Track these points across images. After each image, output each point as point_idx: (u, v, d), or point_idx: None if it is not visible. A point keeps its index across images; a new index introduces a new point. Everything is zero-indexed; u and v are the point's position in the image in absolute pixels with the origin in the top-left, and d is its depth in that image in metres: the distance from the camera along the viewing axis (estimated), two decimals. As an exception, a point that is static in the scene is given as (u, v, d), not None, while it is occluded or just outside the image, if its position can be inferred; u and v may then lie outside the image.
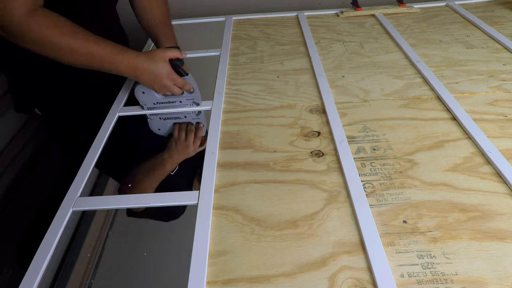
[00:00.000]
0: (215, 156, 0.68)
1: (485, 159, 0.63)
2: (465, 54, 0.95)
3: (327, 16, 1.26)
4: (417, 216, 0.55)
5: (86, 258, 0.86)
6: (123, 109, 0.85)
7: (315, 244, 0.52)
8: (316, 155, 0.67)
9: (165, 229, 0.86)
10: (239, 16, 1.29)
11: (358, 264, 0.49)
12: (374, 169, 0.63)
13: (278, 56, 1.02)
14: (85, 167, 0.69)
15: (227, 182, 0.63)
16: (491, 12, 1.19)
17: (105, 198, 0.63)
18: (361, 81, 0.88)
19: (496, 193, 0.57)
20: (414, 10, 1.24)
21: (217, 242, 0.54)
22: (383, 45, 1.04)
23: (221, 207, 0.59)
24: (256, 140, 0.72)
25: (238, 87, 0.89)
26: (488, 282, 0.46)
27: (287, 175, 0.64)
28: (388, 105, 0.79)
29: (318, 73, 0.91)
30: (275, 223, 0.56)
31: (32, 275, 0.51)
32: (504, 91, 0.80)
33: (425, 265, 0.48)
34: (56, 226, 0.58)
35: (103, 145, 0.74)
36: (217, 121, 0.77)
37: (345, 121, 0.75)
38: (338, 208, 0.57)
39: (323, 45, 1.06)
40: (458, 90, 0.81)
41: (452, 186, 0.59)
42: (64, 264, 0.79)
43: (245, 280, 0.48)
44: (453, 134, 0.69)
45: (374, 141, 0.69)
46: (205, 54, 1.08)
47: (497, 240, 0.50)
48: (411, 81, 0.86)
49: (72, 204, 0.61)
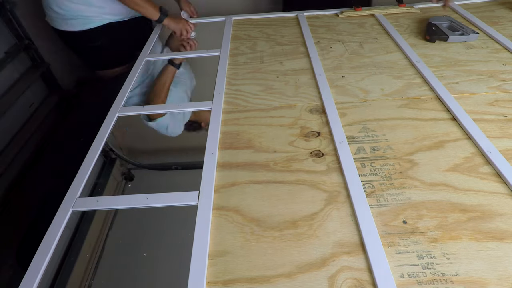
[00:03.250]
0: (215, 156, 0.68)
1: (485, 159, 0.63)
2: (465, 54, 0.95)
3: (327, 16, 1.26)
4: (417, 216, 0.55)
5: (86, 258, 0.86)
6: (123, 109, 0.85)
7: (315, 245, 0.52)
8: (316, 155, 0.67)
9: (165, 229, 0.86)
10: (239, 16, 1.29)
11: (358, 264, 0.49)
12: (374, 169, 0.63)
13: (278, 56, 1.02)
14: (85, 167, 0.69)
15: (227, 182, 0.63)
16: (491, 12, 1.19)
17: (105, 198, 0.63)
18: (361, 81, 0.88)
19: (496, 193, 0.57)
20: (414, 10, 1.24)
21: (217, 242, 0.54)
22: (383, 45, 1.04)
23: (221, 208, 0.59)
24: (256, 140, 0.72)
25: (238, 87, 0.89)
26: (488, 282, 0.46)
27: (287, 176, 0.64)
28: (388, 105, 0.79)
29: (318, 73, 0.91)
30: (275, 223, 0.56)
31: (32, 275, 0.51)
32: (504, 91, 0.80)
33: (425, 265, 0.48)
34: (56, 226, 0.58)
35: (103, 145, 0.74)
36: (217, 121, 0.77)
37: (345, 121, 0.75)
38: (338, 209, 0.57)
39: (323, 45, 1.06)
40: (458, 90, 0.81)
41: (452, 186, 0.59)
42: (64, 264, 0.79)
43: (245, 281, 0.48)
44: (453, 134, 0.69)
45: (374, 141, 0.69)
46: (205, 54, 1.08)
47: (497, 240, 0.50)
48: (411, 81, 0.86)
49: (72, 204, 0.61)
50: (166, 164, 1.22)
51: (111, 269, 0.88)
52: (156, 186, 1.13)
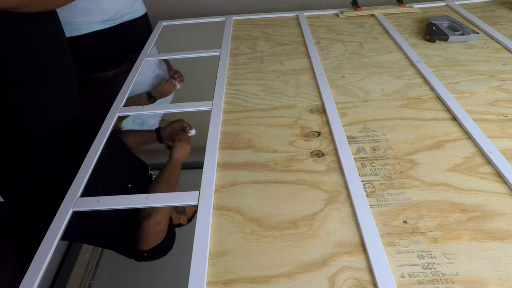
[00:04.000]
0: (215, 156, 0.68)
1: (485, 159, 0.63)
2: (465, 54, 0.95)
3: (327, 16, 1.26)
4: (418, 216, 0.55)
5: (86, 258, 0.86)
6: (123, 109, 0.85)
7: (316, 245, 0.52)
8: (316, 155, 0.67)
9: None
10: (239, 16, 1.29)
11: (358, 264, 0.49)
12: (374, 169, 0.63)
13: (278, 56, 1.02)
14: (85, 167, 0.69)
15: (227, 182, 0.63)
16: (491, 12, 1.19)
17: (105, 198, 0.63)
18: (361, 81, 0.88)
19: (497, 193, 0.57)
20: (414, 10, 1.24)
21: (217, 242, 0.54)
22: (383, 45, 1.04)
23: (221, 208, 0.59)
24: (256, 140, 0.72)
25: (238, 87, 0.89)
26: (488, 282, 0.46)
27: (287, 176, 0.64)
28: (388, 105, 0.79)
29: (318, 73, 0.91)
30: (275, 223, 0.56)
31: (32, 275, 0.51)
32: (504, 91, 0.80)
33: (425, 265, 0.48)
34: (56, 226, 0.58)
35: (103, 145, 0.74)
36: (217, 121, 0.77)
37: (345, 121, 0.75)
38: (339, 209, 0.57)
39: (323, 45, 1.06)
40: (458, 90, 0.81)
41: (452, 186, 0.59)
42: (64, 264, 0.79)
43: (246, 281, 0.48)
44: (453, 134, 0.69)
45: (374, 141, 0.69)
46: (205, 54, 1.08)
47: (497, 240, 0.50)
48: (411, 81, 0.86)
49: (72, 204, 0.61)
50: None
51: (111, 269, 0.88)
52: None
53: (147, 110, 0.93)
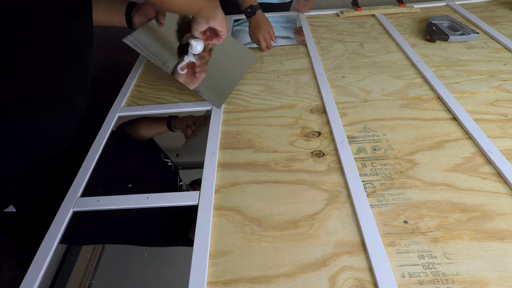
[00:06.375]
0: (216, 156, 0.68)
1: (485, 159, 0.63)
2: (465, 54, 0.95)
3: (327, 16, 1.26)
4: (418, 216, 0.55)
5: (86, 258, 0.86)
6: (123, 109, 0.85)
7: (316, 245, 0.52)
8: (316, 155, 0.67)
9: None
10: (239, 16, 1.29)
11: (359, 264, 0.49)
12: (375, 169, 0.63)
13: (278, 56, 1.02)
14: (85, 167, 0.69)
15: (227, 182, 0.63)
16: (491, 12, 1.19)
17: (105, 198, 0.63)
18: (362, 81, 0.88)
19: (497, 193, 0.57)
20: (414, 10, 1.24)
21: (218, 242, 0.54)
22: (383, 45, 1.04)
23: (221, 208, 0.59)
24: (256, 140, 0.72)
25: (238, 87, 0.89)
26: (489, 282, 0.46)
27: (288, 175, 0.64)
28: (389, 105, 0.79)
29: (318, 73, 0.91)
30: (275, 223, 0.56)
31: (33, 275, 0.51)
32: (504, 91, 0.80)
33: (426, 265, 0.48)
34: (56, 226, 0.58)
35: (103, 145, 0.74)
36: (217, 121, 0.77)
37: (346, 121, 0.75)
38: (339, 208, 0.57)
39: (323, 45, 1.06)
40: (458, 90, 0.81)
41: (452, 186, 0.59)
42: (64, 264, 0.79)
43: (246, 281, 0.48)
44: (453, 134, 0.69)
45: (374, 141, 0.69)
46: (205, 54, 1.07)
47: (498, 240, 0.50)
48: (412, 81, 0.86)
49: (72, 204, 0.61)
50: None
51: (111, 269, 0.88)
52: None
53: (147, 110, 0.92)
